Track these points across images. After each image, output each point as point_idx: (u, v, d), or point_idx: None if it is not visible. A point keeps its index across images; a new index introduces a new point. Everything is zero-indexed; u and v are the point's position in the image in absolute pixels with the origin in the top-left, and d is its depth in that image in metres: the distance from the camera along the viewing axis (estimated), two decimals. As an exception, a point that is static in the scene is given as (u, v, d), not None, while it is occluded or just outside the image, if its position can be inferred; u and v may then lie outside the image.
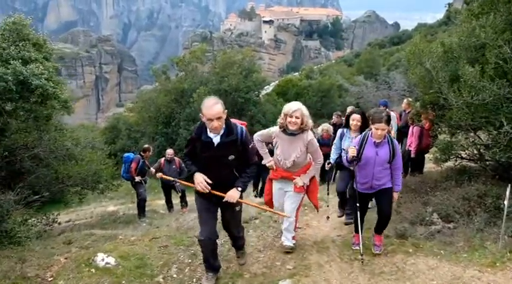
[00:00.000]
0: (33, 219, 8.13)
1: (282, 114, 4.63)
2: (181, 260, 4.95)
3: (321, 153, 4.88)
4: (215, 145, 3.87)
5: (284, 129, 4.67)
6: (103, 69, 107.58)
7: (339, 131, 6.19)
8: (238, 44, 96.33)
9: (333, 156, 6.22)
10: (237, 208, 4.24)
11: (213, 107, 3.71)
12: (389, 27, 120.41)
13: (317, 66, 51.77)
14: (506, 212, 4.55)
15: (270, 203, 5.23)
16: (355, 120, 5.85)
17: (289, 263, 4.91)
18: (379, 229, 5.02)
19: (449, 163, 7.62)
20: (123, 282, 4.33)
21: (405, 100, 10.29)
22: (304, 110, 4.57)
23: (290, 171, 4.84)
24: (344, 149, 5.83)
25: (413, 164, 9.06)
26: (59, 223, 8.93)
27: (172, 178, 7.79)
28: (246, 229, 6.04)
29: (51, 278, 4.49)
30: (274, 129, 4.81)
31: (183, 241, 5.51)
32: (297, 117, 4.50)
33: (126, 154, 10.05)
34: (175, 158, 10.13)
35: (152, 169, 9.62)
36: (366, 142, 4.65)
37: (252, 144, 4.12)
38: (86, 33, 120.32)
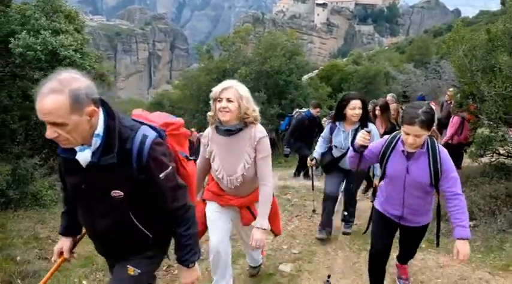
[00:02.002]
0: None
1: (211, 101, 2.89)
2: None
3: (271, 168, 3.04)
4: (84, 167, 1.91)
5: (217, 126, 2.92)
6: (156, 46, 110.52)
7: (328, 126, 4.76)
8: (290, 26, 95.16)
9: (319, 150, 4.82)
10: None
11: (43, 100, 1.68)
12: (450, 14, 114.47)
13: (366, 52, 50.34)
14: (528, 213, 4.22)
15: (202, 234, 3.29)
16: (356, 107, 4.30)
17: (295, 248, 4.84)
18: (403, 258, 3.67)
19: (488, 159, 7.22)
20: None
21: (448, 92, 9.83)
22: (242, 90, 2.83)
23: (239, 194, 3.10)
24: (335, 146, 4.62)
25: (451, 157, 8.66)
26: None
27: None
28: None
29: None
30: (207, 131, 3.08)
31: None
32: (229, 100, 2.76)
33: None
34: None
35: None
36: (392, 149, 2.95)
37: (170, 173, 2.01)
38: (142, 10, 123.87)
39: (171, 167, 2.03)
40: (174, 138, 2.32)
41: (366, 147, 3.00)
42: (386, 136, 3.10)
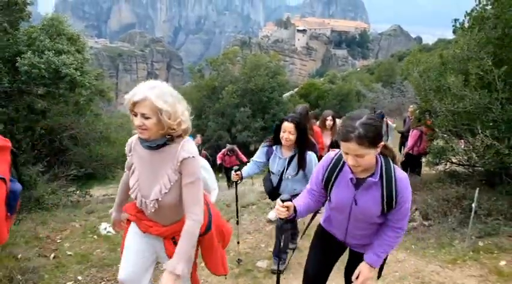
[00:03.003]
0: (69, 190, 8.41)
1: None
2: (177, 234, 4.96)
3: (202, 202, 2.09)
4: None
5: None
6: (154, 66, 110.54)
7: (264, 149, 3.70)
8: (274, 49, 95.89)
9: (247, 169, 3.72)
10: None
11: None
12: (412, 41, 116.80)
13: (340, 73, 51.00)
14: (473, 214, 4.31)
15: None
16: (286, 131, 3.38)
17: (272, 246, 4.84)
18: None
19: (442, 167, 7.37)
20: (118, 249, 4.39)
21: (410, 108, 10.02)
22: (161, 101, 1.92)
23: (160, 221, 2.21)
24: (273, 172, 3.65)
25: (412, 166, 8.83)
26: (91, 196, 9.16)
27: None
28: (241, 213, 6.01)
29: (60, 240, 4.61)
30: (131, 138, 2.23)
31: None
32: (145, 116, 1.94)
33: None
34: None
35: None
36: (338, 173, 2.16)
37: None
38: (142, 34, 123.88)
39: None
40: None
41: (289, 220, 2.14)
42: (330, 156, 2.22)
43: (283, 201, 2.06)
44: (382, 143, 1.96)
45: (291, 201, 2.10)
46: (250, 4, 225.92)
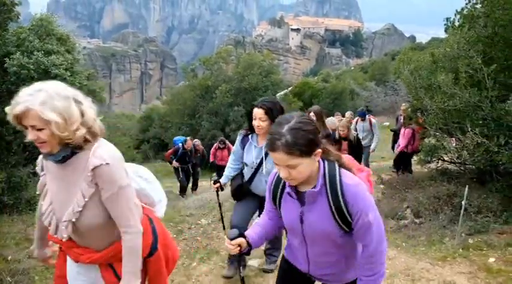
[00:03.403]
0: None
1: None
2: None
3: (135, 211, 1.80)
4: None
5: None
6: (148, 66, 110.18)
7: (239, 137, 3.42)
8: (268, 48, 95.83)
9: (228, 173, 3.51)
10: None
11: None
12: (406, 40, 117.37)
13: (334, 72, 51.12)
14: (463, 211, 4.35)
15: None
16: (257, 118, 3.07)
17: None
18: None
19: (434, 165, 7.42)
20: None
21: (402, 106, 10.07)
22: (46, 111, 1.55)
23: (91, 246, 1.81)
24: (247, 164, 3.33)
25: (405, 164, 8.88)
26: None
27: None
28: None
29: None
30: (41, 156, 1.84)
31: (174, 218, 5.53)
32: (35, 128, 1.59)
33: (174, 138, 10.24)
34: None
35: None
36: (283, 188, 1.82)
37: None
38: (135, 34, 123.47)
39: None
40: None
41: (244, 253, 1.86)
42: (275, 170, 1.86)
43: (231, 239, 1.80)
44: (319, 150, 1.62)
45: (242, 235, 1.83)
46: (244, 3, 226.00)
